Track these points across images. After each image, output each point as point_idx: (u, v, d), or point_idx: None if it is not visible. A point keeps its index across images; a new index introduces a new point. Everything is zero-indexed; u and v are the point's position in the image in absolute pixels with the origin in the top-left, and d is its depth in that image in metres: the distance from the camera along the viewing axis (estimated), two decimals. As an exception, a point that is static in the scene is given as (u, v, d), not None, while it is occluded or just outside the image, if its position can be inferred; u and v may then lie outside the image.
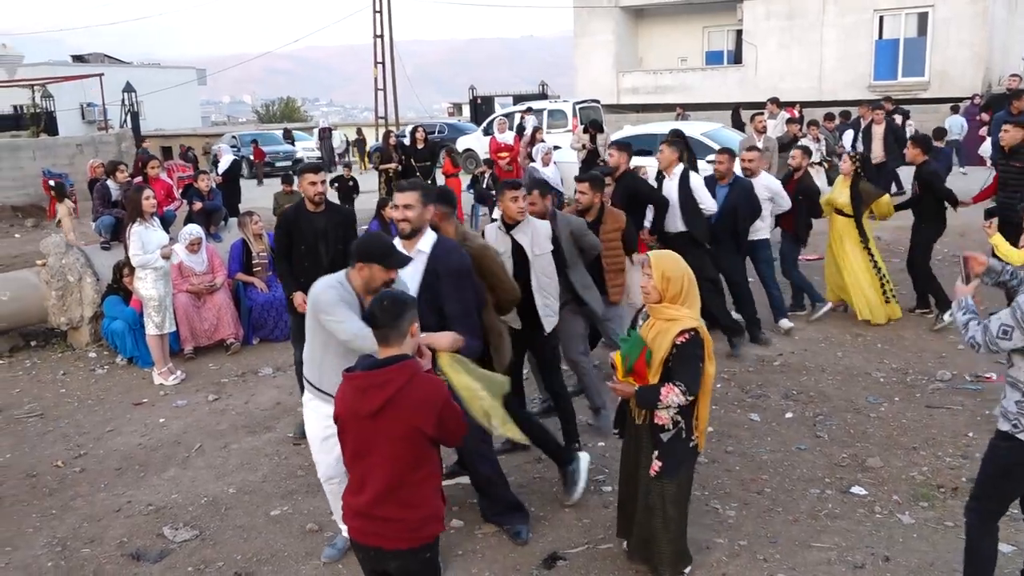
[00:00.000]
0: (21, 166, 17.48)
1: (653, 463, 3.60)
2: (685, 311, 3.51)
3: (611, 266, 5.96)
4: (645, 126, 15.35)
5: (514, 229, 4.87)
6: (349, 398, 2.86)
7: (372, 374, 2.84)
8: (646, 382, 3.61)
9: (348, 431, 2.90)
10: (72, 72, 36.26)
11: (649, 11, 28.34)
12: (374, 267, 3.57)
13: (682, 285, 3.52)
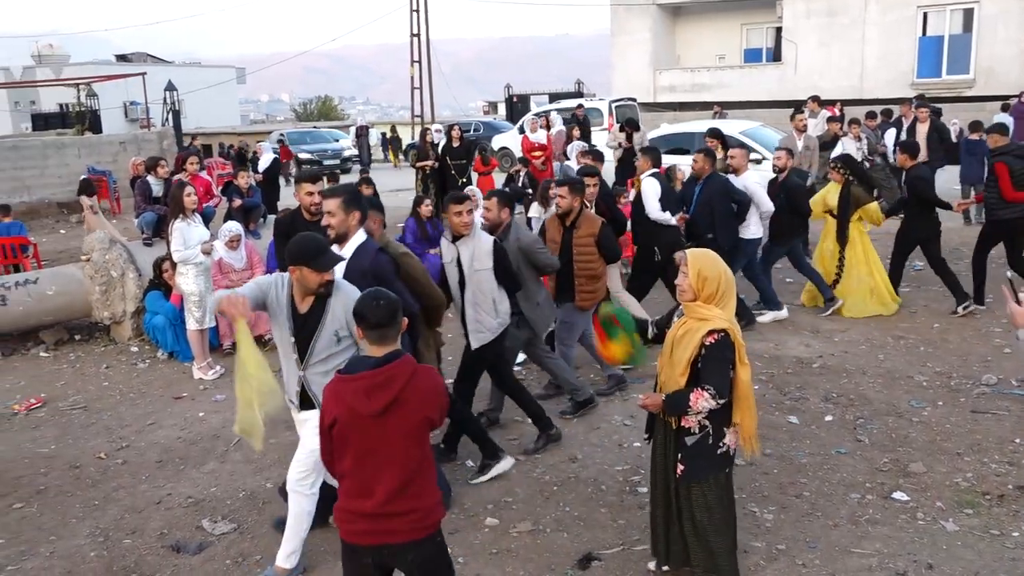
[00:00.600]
0: (67, 163, 17.84)
1: (677, 466, 3.55)
2: (717, 312, 3.42)
3: (582, 271, 5.95)
4: (682, 125, 15.24)
5: (459, 241, 5.05)
6: (349, 399, 2.82)
7: (376, 373, 2.82)
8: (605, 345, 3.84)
9: (349, 433, 2.85)
10: (116, 71, 36.96)
11: (687, 8, 28.12)
12: (304, 269, 3.60)
13: (718, 285, 3.43)
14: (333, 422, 2.86)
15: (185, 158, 9.65)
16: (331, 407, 2.87)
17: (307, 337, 3.73)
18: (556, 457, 5.23)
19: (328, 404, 2.88)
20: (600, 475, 4.97)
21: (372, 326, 2.88)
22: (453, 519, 4.54)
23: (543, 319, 5.60)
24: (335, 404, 2.85)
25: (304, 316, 3.74)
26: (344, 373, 2.90)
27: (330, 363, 3.73)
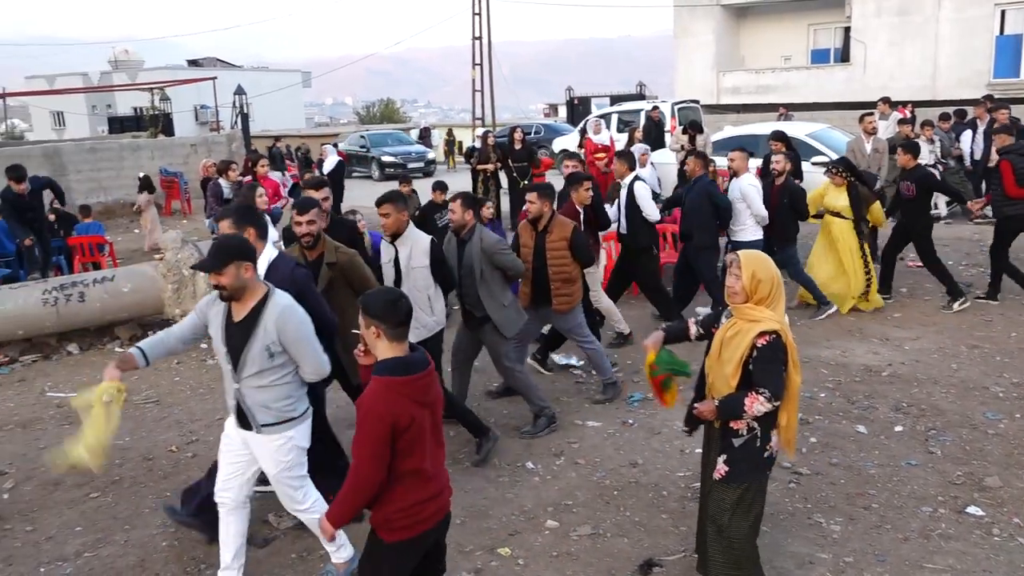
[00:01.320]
0: (141, 165, 18.43)
1: (719, 466, 3.47)
2: (768, 313, 3.36)
3: (557, 275, 5.97)
4: (746, 127, 15.00)
5: (398, 240, 5.25)
6: (421, 397, 2.89)
7: (429, 370, 2.94)
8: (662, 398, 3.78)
9: (425, 429, 2.90)
10: (188, 76, 38.10)
11: (752, 9, 27.69)
12: (242, 265, 3.56)
13: (771, 288, 3.37)
14: (410, 423, 2.85)
15: (255, 160, 9.89)
16: (403, 409, 2.83)
17: (239, 347, 3.62)
18: (616, 461, 5.21)
19: (397, 407, 2.83)
20: (661, 480, 4.93)
21: (396, 324, 2.91)
22: (514, 520, 4.56)
23: (510, 322, 5.62)
24: (408, 406, 2.84)
25: (237, 325, 3.63)
26: (400, 375, 2.87)
27: (265, 378, 3.64)
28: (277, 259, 4.27)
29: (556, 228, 5.98)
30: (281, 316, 3.58)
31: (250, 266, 3.57)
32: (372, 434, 2.81)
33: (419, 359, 2.94)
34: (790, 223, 8.13)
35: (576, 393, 6.50)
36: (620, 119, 19.92)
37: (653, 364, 3.77)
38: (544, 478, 5.07)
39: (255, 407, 3.68)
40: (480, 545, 4.32)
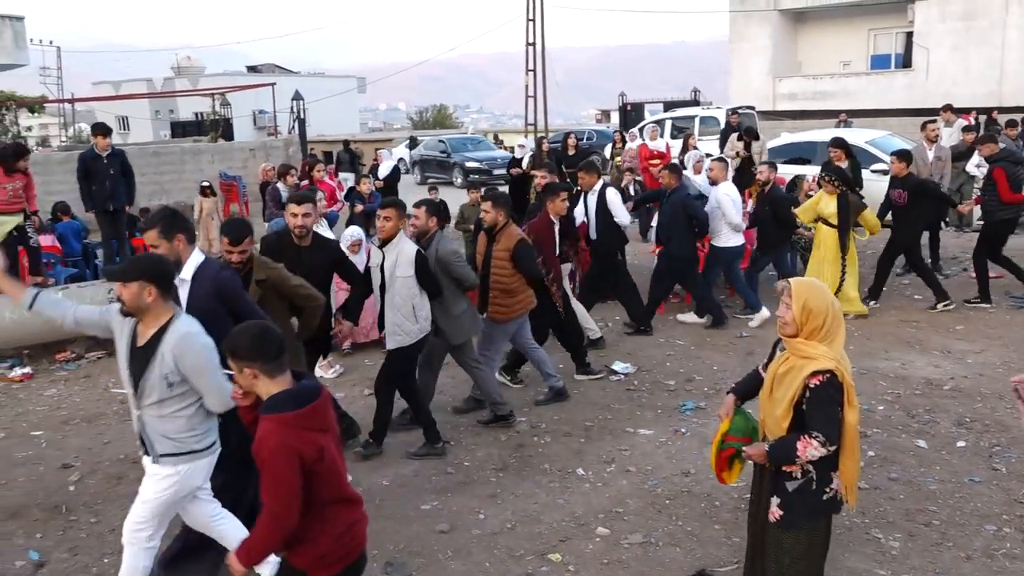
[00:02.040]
0: (201, 168, 18.88)
1: (773, 509, 3.23)
2: (823, 349, 3.06)
3: (496, 284, 5.96)
4: (805, 134, 14.78)
5: (386, 247, 5.34)
6: (318, 422, 2.76)
7: (324, 397, 2.82)
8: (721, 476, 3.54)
9: (331, 452, 2.80)
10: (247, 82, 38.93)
11: (810, 14, 27.24)
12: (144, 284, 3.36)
13: (824, 320, 3.07)
14: (320, 454, 2.72)
15: (313, 165, 10.07)
16: (306, 441, 2.70)
17: (139, 374, 3.44)
18: (668, 470, 5.17)
19: (297, 441, 2.68)
20: (714, 491, 4.88)
21: (270, 359, 2.75)
22: (564, 526, 4.56)
23: (458, 331, 5.70)
24: (310, 436, 2.71)
25: (140, 350, 3.45)
26: (291, 409, 2.71)
27: (165, 408, 3.46)
28: (203, 264, 4.03)
29: (503, 238, 5.98)
30: (179, 344, 3.37)
31: (155, 291, 3.35)
32: (279, 474, 2.66)
33: (307, 388, 2.80)
34: (772, 231, 8.45)
35: (627, 400, 6.47)
36: (674, 125, 19.79)
37: (727, 434, 3.42)
38: (595, 485, 5.06)
39: (155, 436, 3.51)
40: (531, 550, 4.33)
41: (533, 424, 6.05)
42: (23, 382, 7.60)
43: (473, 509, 4.79)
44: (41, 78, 48.44)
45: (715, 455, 3.48)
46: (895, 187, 8.45)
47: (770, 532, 3.29)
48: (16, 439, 6.23)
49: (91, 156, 8.33)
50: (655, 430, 5.84)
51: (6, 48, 22.29)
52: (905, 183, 8.39)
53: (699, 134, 18.66)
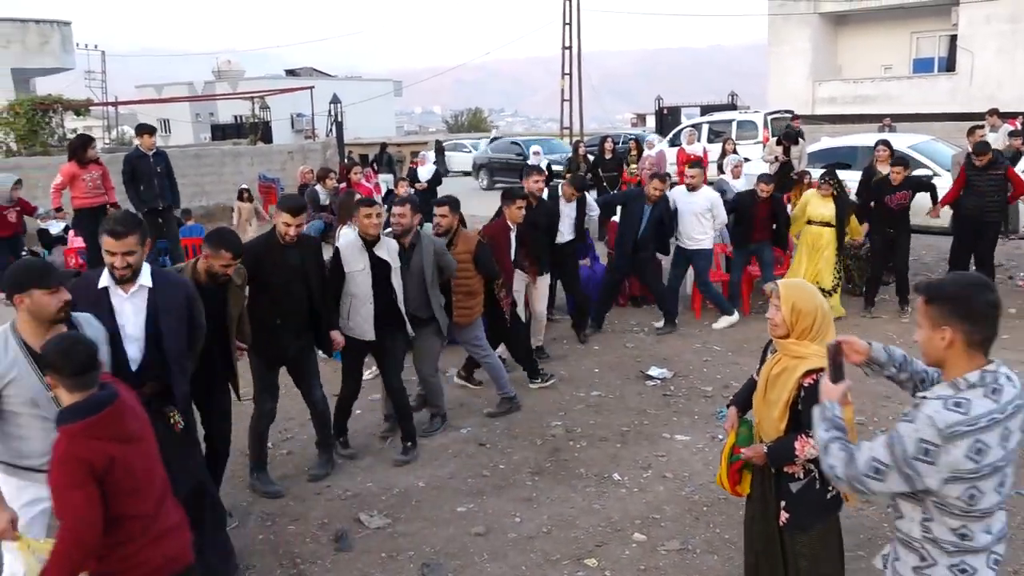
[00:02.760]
0: (241, 171, 19.18)
1: (781, 513, 3.19)
2: (815, 348, 3.04)
3: (459, 288, 6.08)
4: (846, 138, 14.57)
5: (375, 246, 5.33)
6: (111, 430, 2.66)
7: (120, 402, 2.71)
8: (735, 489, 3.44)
9: (129, 464, 2.69)
10: (286, 85, 39.39)
11: (851, 17, 26.89)
12: (34, 292, 3.08)
13: (814, 319, 3.07)
14: (109, 464, 2.62)
15: (350, 167, 10.16)
16: (96, 451, 2.61)
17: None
18: (706, 477, 5.12)
19: (86, 451, 2.60)
20: (752, 499, 4.83)
21: (72, 374, 2.66)
22: (600, 531, 4.55)
23: (445, 323, 5.88)
24: (101, 446, 2.62)
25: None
26: (80, 419, 2.62)
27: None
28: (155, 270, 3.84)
29: (461, 242, 6.09)
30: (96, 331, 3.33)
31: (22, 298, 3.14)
32: (63, 486, 2.58)
33: (102, 397, 2.69)
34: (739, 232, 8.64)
35: (664, 406, 6.43)
36: (711, 129, 19.64)
37: (735, 446, 3.39)
38: (631, 490, 5.04)
39: None
40: (567, 555, 4.32)
41: (568, 428, 6.04)
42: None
43: (509, 512, 4.80)
44: (86, 81, 49.41)
45: (725, 468, 3.42)
46: (896, 191, 8.31)
47: (786, 539, 3.24)
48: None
49: (137, 156, 8.45)
50: (692, 436, 5.80)
51: (54, 52, 22.88)
52: (907, 183, 8.36)
53: (736, 138, 18.50)
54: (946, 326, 2.20)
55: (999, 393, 2.16)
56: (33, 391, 3.16)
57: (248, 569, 4.36)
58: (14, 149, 18.58)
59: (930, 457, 2.11)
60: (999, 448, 2.13)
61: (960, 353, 2.20)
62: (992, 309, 2.19)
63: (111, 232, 3.53)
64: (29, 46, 22.63)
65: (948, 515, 2.21)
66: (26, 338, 3.15)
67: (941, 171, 11.43)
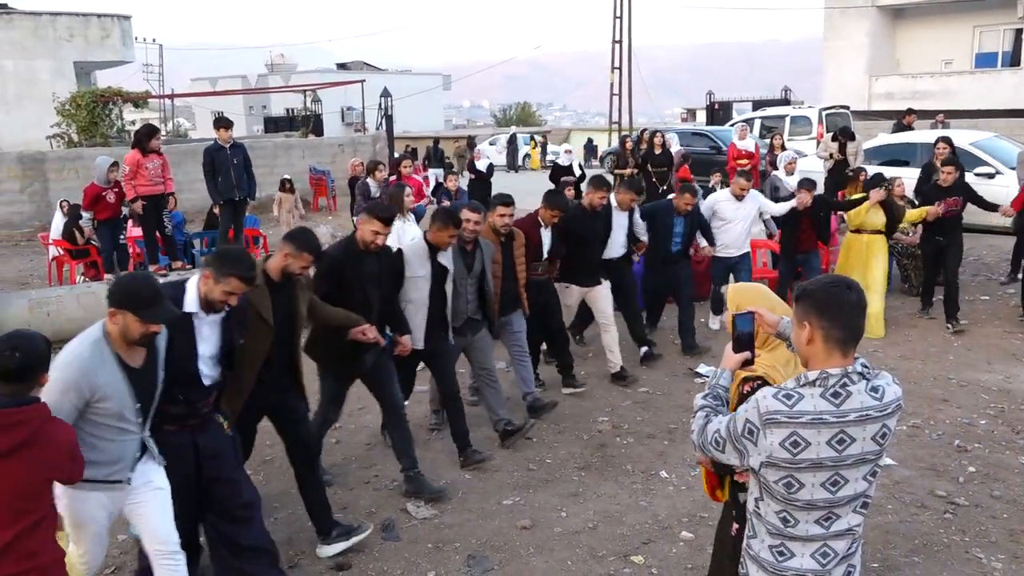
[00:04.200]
0: (292, 163, 19.44)
1: (732, 524, 3.02)
2: (762, 355, 2.81)
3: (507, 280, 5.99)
4: (903, 135, 14.22)
5: (439, 253, 5.20)
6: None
7: (9, 412, 2.66)
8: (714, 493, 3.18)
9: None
10: (337, 79, 39.87)
11: (910, 10, 26.22)
12: (128, 315, 3.08)
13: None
14: None
15: (399, 161, 10.23)
16: None
17: (148, 393, 3.27)
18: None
19: None
20: (803, 500, 4.75)
21: (6, 380, 2.71)
22: (647, 528, 4.51)
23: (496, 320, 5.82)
24: None
25: (139, 371, 3.22)
26: None
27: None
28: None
29: (517, 237, 6.05)
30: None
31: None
32: None
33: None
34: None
35: (712, 404, 6.35)
36: (763, 124, 19.33)
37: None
38: (679, 488, 5.00)
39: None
40: (613, 551, 4.30)
41: (615, 424, 6.01)
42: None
43: (555, 507, 4.79)
44: (143, 74, 50.63)
45: (704, 474, 3.22)
46: (948, 196, 7.85)
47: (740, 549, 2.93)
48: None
49: (216, 148, 8.61)
50: (741, 435, 5.71)
51: (114, 46, 23.44)
52: (960, 189, 7.93)
53: (789, 134, 18.18)
54: (806, 322, 2.22)
55: (842, 398, 2.16)
56: (122, 404, 3.15)
57: (298, 555, 4.42)
58: (75, 140, 19.13)
59: (753, 438, 2.22)
60: (827, 447, 2.15)
61: (819, 349, 2.21)
62: (851, 308, 2.19)
63: (248, 280, 3.55)
64: (91, 39, 23.24)
65: (771, 498, 2.27)
66: (116, 348, 3.15)
67: (1005, 169, 11.09)
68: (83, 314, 8.04)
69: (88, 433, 3.10)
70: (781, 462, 2.17)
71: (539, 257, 6.42)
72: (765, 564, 2.32)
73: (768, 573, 2.31)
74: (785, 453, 2.16)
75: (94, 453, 3.11)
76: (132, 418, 3.20)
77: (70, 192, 15.38)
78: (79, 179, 16.42)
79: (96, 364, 3.07)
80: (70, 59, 22.95)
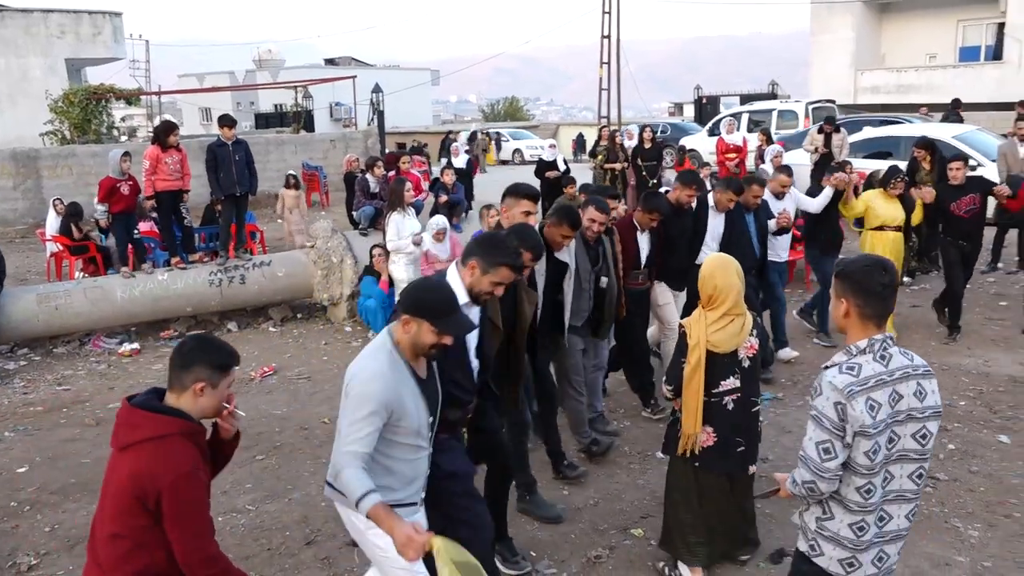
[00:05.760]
0: (284, 159, 19.56)
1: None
2: (696, 312, 3.78)
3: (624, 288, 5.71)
4: (888, 128, 14.51)
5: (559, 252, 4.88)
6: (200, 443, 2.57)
7: (136, 412, 2.48)
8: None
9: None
10: (325, 74, 39.91)
11: (896, 5, 26.56)
12: (424, 324, 2.86)
13: (705, 290, 3.74)
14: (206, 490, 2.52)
15: (397, 156, 10.42)
16: (201, 464, 2.50)
17: (434, 404, 3.06)
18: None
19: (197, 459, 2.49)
20: (792, 477, 5.00)
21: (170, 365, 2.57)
22: (645, 504, 4.75)
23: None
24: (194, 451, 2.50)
25: (426, 382, 3.01)
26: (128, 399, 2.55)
27: None
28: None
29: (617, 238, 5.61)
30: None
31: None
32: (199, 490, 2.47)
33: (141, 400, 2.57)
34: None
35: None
36: (751, 119, 19.61)
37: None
38: (674, 468, 5.22)
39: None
40: (614, 525, 4.54)
41: (612, 409, 6.24)
42: (132, 356, 8.17)
43: (558, 486, 5.02)
44: (130, 71, 50.40)
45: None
46: (963, 195, 7.24)
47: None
48: (131, 408, 6.73)
49: (218, 144, 8.79)
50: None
51: (105, 42, 23.46)
52: (977, 185, 7.34)
53: (776, 128, 18.46)
54: (843, 298, 2.50)
55: (888, 360, 2.45)
56: (419, 420, 2.95)
57: (314, 533, 4.64)
58: (68, 137, 19.20)
59: (844, 415, 2.39)
60: (887, 407, 2.40)
61: (855, 323, 2.49)
62: (883, 288, 2.46)
63: (518, 268, 3.45)
64: (82, 36, 23.25)
65: (855, 474, 2.44)
66: (407, 357, 2.94)
67: (986, 161, 11.39)
68: (90, 308, 8.24)
69: (383, 455, 2.88)
70: (868, 429, 2.37)
71: (637, 265, 5.85)
72: (845, 541, 2.51)
73: (848, 550, 2.51)
74: (868, 419, 2.37)
75: (389, 478, 2.91)
76: (426, 433, 3.01)
77: (64, 189, 15.53)
78: (72, 176, 16.54)
79: (397, 379, 2.87)
80: (62, 56, 22.97)
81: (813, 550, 2.59)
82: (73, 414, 6.69)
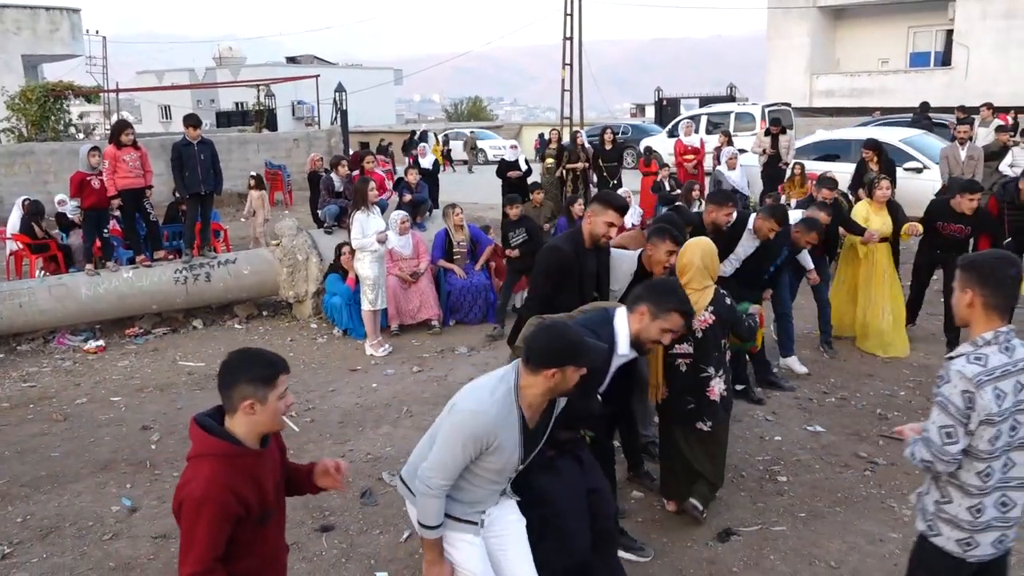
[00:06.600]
0: (247, 157, 19.51)
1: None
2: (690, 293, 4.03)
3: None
4: (838, 131, 14.99)
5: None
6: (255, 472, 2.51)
7: (192, 428, 2.47)
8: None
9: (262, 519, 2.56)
10: (286, 73, 39.70)
11: (849, 11, 27.28)
12: (568, 370, 2.83)
13: (681, 267, 4.36)
14: (244, 511, 2.40)
15: (362, 156, 10.55)
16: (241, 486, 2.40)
17: (529, 452, 3.04)
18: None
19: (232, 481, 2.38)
20: (741, 463, 5.27)
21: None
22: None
23: None
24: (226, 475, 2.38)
25: (533, 432, 3.00)
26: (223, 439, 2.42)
27: None
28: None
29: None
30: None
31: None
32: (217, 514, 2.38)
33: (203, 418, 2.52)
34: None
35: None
36: (710, 121, 20.03)
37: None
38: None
39: None
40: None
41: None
42: (97, 354, 8.21)
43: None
44: (87, 67, 49.58)
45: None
46: (955, 221, 7.13)
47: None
48: (97, 403, 6.82)
49: (184, 144, 8.84)
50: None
51: (63, 39, 23.16)
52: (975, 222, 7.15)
53: (734, 130, 18.89)
54: (968, 289, 2.59)
55: (1012, 351, 2.56)
56: (508, 464, 2.96)
57: (283, 520, 4.78)
58: (25, 134, 18.94)
59: (972, 404, 2.49)
60: (1012, 396, 2.52)
61: (979, 314, 2.58)
62: (1010, 281, 2.56)
63: (689, 315, 3.44)
64: (39, 33, 22.92)
65: (976, 460, 2.56)
66: (525, 407, 2.92)
67: (931, 164, 11.84)
68: (55, 305, 8.26)
69: (467, 482, 2.97)
70: (994, 416, 2.47)
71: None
72: (963, 523, 2.61)
73: (965, 531, 2.62)
74: (995, 407, 2.47)
75: (457, 492, 2.97)
76: (509, 475, 3.04)
77: (21, 187, 15.34)
78: (30, 173, 16.34)
79: (504, 423, 2.85)
80: (18, 52, 22.62)
81: (931, 530, 2.70)
82: (40, 410, 6.74)
